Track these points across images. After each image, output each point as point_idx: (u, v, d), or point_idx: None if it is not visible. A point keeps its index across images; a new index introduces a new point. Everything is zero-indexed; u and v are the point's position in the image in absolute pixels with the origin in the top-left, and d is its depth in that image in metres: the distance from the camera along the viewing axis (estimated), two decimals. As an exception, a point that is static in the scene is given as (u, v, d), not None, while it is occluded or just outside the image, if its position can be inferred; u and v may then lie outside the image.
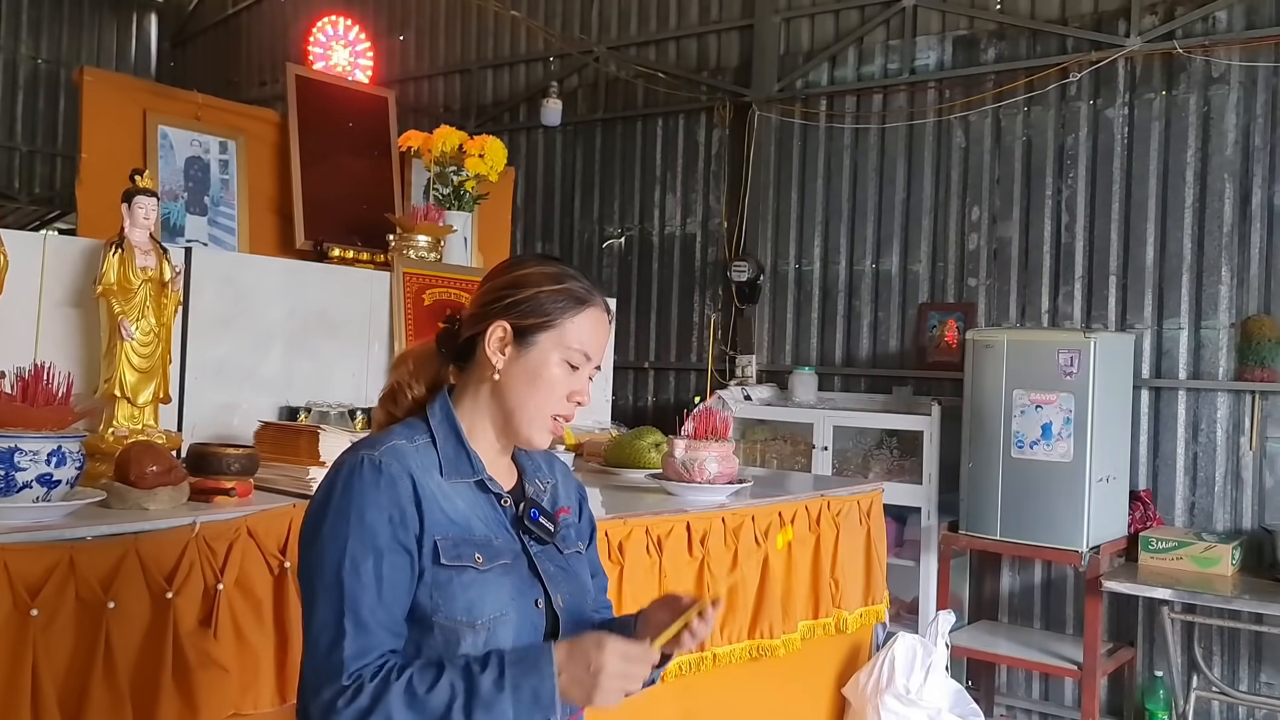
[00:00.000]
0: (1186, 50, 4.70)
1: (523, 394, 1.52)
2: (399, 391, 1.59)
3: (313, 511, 1.45)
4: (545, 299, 1.52)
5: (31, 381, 2.19)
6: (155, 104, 4.04)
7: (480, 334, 1.53)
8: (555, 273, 1.55)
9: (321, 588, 1.40)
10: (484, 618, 1.43)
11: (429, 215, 3.87)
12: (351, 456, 1.46)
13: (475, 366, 1.55)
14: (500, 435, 1.56)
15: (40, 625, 1.94)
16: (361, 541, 1.39)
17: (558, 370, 1.52)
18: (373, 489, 1.42)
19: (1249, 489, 4.57)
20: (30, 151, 8.56)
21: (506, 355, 1.51)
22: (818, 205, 5.74)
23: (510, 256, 1.62)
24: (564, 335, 1.52)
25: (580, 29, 6.73)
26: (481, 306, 1.55)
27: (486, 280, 1.59)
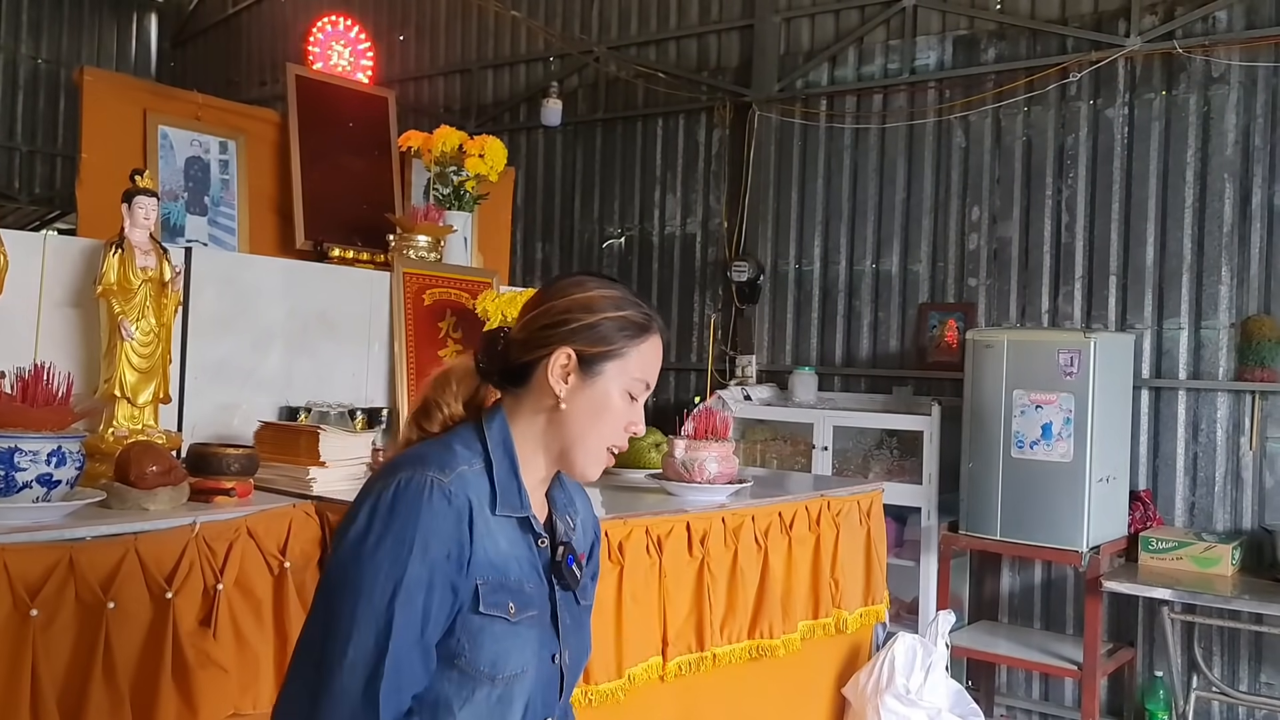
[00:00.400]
0: (1186, 50, 4.70)
1: (585, 425, 1.43)
2: (434, 409, 1.49)
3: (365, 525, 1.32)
4: (611, 325, 1.44)
5: (31, 381, 2.19)
6: (155, 104, 4.04)
7: (539, 360, 1.43)
8: (619, 297, 1.46)
9: (365, 614, 1.28)
10: (506, 673, 1.36)
11: (429, 215, 3.87)
12: (418, 475, 1.34)
13: (530, 393, 1.45)
14: (551, 466, 1.48)
15: (40, 625, 1.93)
16: (419, 573, 1.29)
17: (620, 401, 1.45)
18: (441, 519, 1.32)
19: (1249, 489, 4.57)
20: (30, 151, 8.56)
21: (570, 384, 1.43)
22: (818, 205, 5.74)
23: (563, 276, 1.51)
24: (628, 364, 1.45)
25: (580, 29, 6.73)
26: (541, 329, 1.44)
27: (542, 301, 1.47)
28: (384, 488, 1.34)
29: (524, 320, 1.47)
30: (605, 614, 2.44)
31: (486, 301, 3.43)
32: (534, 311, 1.46)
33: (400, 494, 1.33)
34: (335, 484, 2.69)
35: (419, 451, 1.40)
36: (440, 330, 3.72)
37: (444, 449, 1.40)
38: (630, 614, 2.53)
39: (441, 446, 1.41)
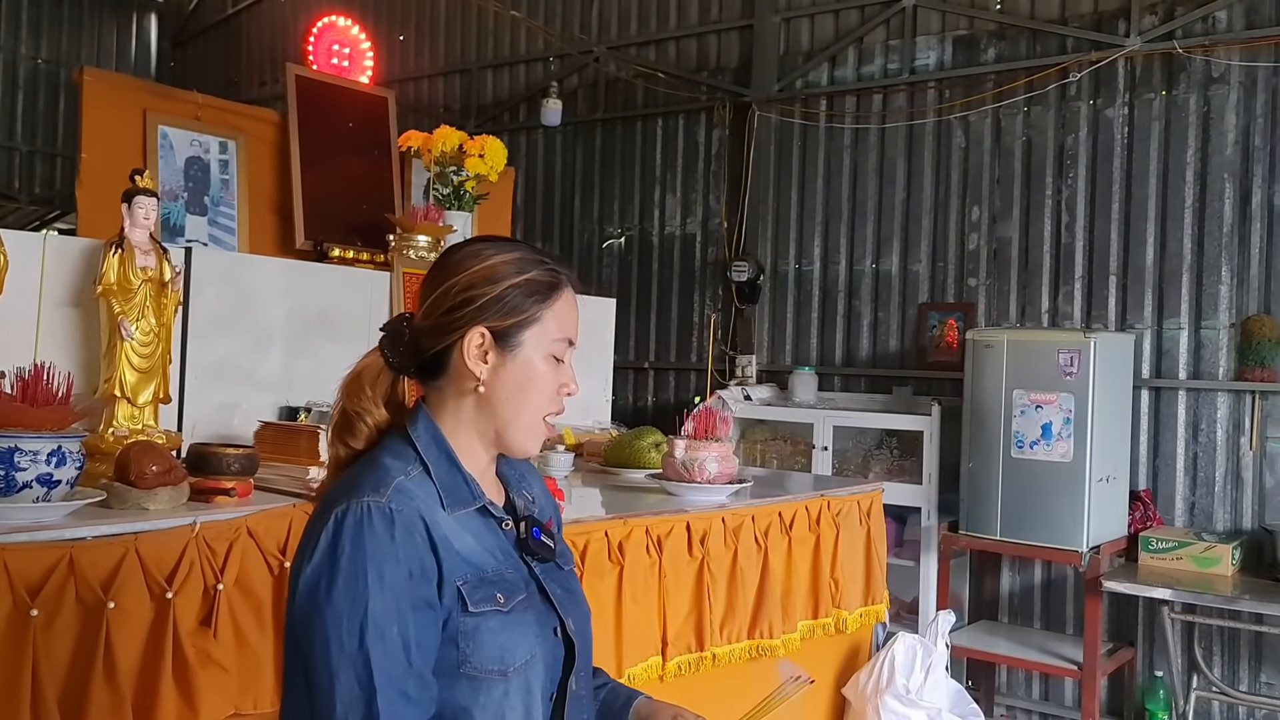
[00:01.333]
0: (1186, 50, 4.71)
1: (515, 402, 1.36)
2: (355, 420, 1.39)
3: (313, 573, 1.24)
4: (519, 292, 1.35)
5: (31, 381, 2.19)
6: (155, 104, 4.04)
7: (452, 345, 1.35)
8: (519, 258, 1.38)
9: (340, 662, 1.20)
10: (516, 663, 1.30)
11: (429, 215, 3.87)
12: (354, 504, 1.26)
13: (451, 380, 1.37)
14: (488, 449, 1.41)
15: (40, 625, 1.93)
16: (384, 604, 1.21)
17: (544, 367, 1.37)
18: (387, 541, 1.24)
19: (1249, 489, 4.57)
20: (30, 151, 8.56)
21: (490, 363, 1.35)
22: (818, 205, 5.74)
23: (456, 247, 1.42)
24: (545, 328, 1.37)
25: (580, 29, 6.73)
26: (447, 313, 1.36)
27: (440, 280, 1.38)
28: (322, 528, 1.26)
29: (426, 305, 1.38)
30: (605, 614, 2.44)
31: (486, 301, 3.42)
32: (435, 294, 1.37)
33: (340, 530, 1.24)
34: (335, 484, 2.68)
35: (348, 479, 1.32)
36: (440, 330, 3.71)
37: (372, 468, 1.31)
38: (630, 614, 2.53)
39: (370, 466, 1.32)
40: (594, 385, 4.34)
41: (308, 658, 1.23)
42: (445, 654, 1.27)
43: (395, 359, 1.40)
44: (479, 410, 1.38)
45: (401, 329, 1.40)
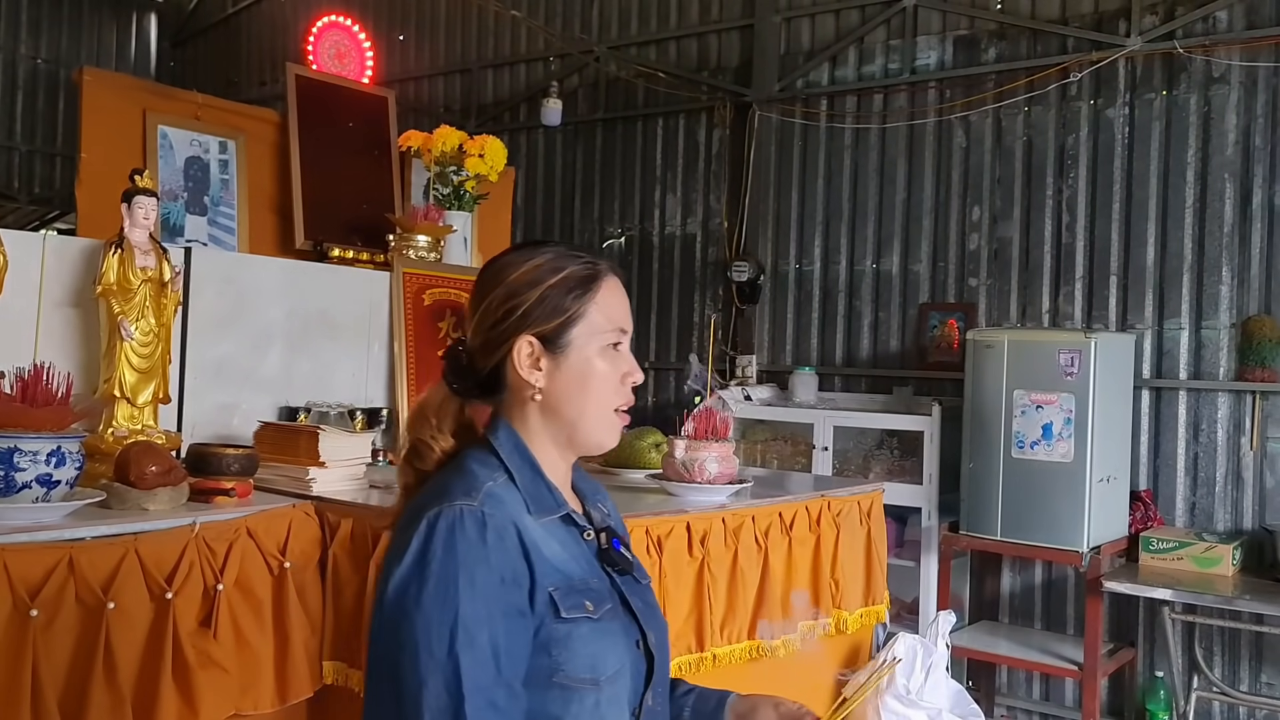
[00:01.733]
0: (1187, 50, 4.70)
1: (578, 402, 1.35)
2: (423, 449, 1.38)
3: (403, 578, 1.22)
4: (557, 292, 1.34)
5: (31, 381, 2.19)
6: (155, 104, 4.03)
7: (504, 359, 1.35)
8: (553, 258, 1.37)
9: (429, 668, 1.18)
10: (608, 672, 1.28)
11: (429, 215, 3.87)
12: (446, 509, 1.24)
13: (511, 393, 1.37)
14: (565, 452, 1.39)
15: (40, 626, 1.93)
16: (475, 609, 1.19)
17: (601, 361, 1.36)
18: (479, 546, 1.22)
19: (1249, 489, 4.57)
20: (30, 151, 8.56)
21: (544, 369, 1.34)
22: (818, 205, 5.74)
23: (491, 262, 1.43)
24: (593, 322, 1.35)
25: (580, 29, 6.73)
26: (492, 328, 1.36)
27: (478, 298, 1.39)
28: (413, 533, 1.24)
29: (473, 324, 1.39)
30: (606, 614, 2.44)
31: (487, 301, 3.42)
32: (479, 311, 1.38)
33: (432, 534, 1.23)
34: (335, 484, 2.69)
35: (437, 486, 1.31)
36: (440, 330, 3.71)
37: (461, 474, 1.31)
38: (630, 614, 2.52)
39: (458, 473, 1.32)
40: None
41: (396, 664, 1.20)
42: (537, 663, 1.24)
43: (458, 384, 1.40)
44: (545, 417, 1.37)
45: (458, 353, 1.40)
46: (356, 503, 2.58)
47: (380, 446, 3.33)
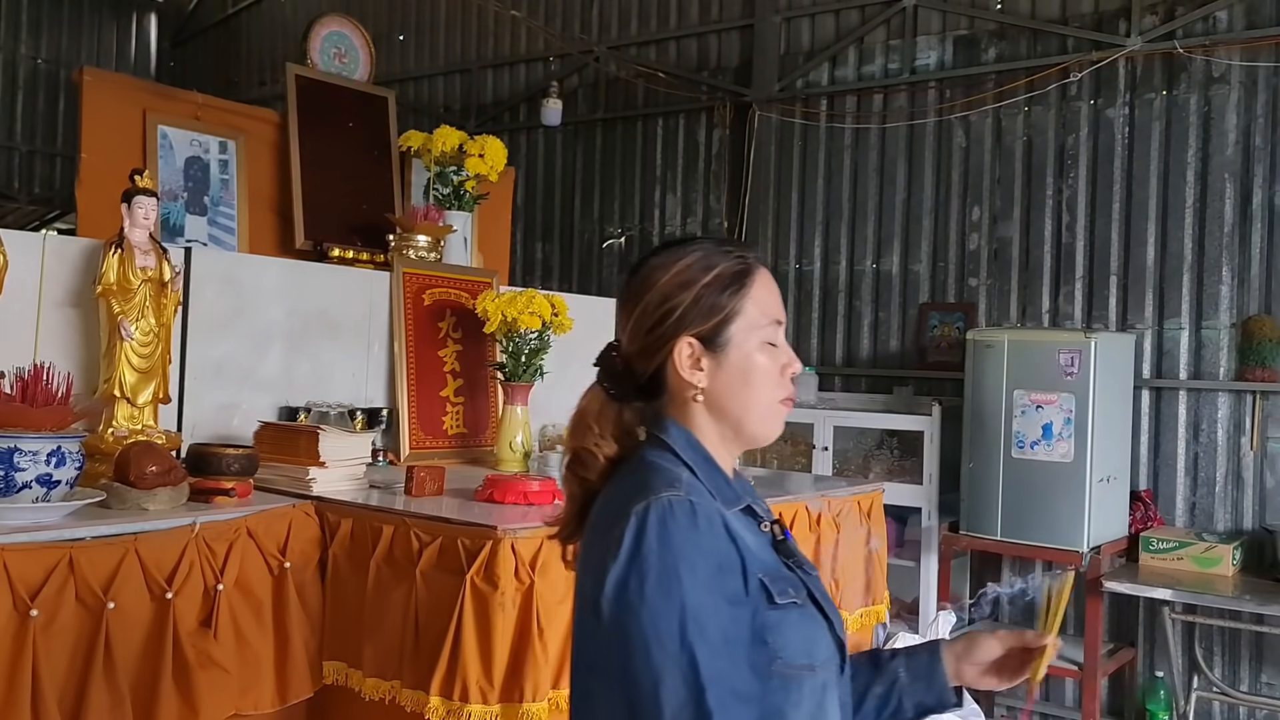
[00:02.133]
0: (1187, 50, 4.70)
1: (741, 398, 1.33)
2: (588, 457, 1.36)
3: (620, 575, 1.19)
4: (712, 291, 1.32)
5: (31, 382, 2.19)
6: (155, 104, 4.03)
7: (663, 363, 1.34)
8: (703, 255, 1.35)
9: (663, 663, 1.14)
10: (820, 659, 1.27)
11: (429, 215, 3.87)
12: (654, 501, 1.21)
13: (673, 395, 1.36)
14: (731, 447, 1.37)
15: (40, 626, 1.93)
16: (699, 598, 1.17)
17: (761, 356, 1.34)
18: (693, 533, 1.20)
19: (1250, 489, 4.57)
20: (30, 151, 8.56)
21: (705, 369, 1.33)
22: (818, 205, 5.74)
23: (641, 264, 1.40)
24: (749, 318, 1.33)
25: (580, 29, 6.73)
26: (648, 333, 1.34)
27: (635, 301, 1.36)
28: (622, 530, 1.20)
29: (628, 329, 1.37)
30: (606, 614, 2.44)
31: (486, 301, 3.43)
32: (633, 316, 1.36)
33: (644, 527, 1.19)
34: (335, 484, 2.69)
35: (631, 483, 1.27)
36: (440, 330, 3.71)
37: (652, 469, 1.28)
38: (631, 614, 2.52)
39: (648, 468, 1.29)
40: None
41: (624, 665, 1.17)
42: (754, 652, 1.21)
43: (614, 389, 1.38)
44: (710, 415, 1.35)
45: (612, 359, 1.38)
46: (356, 503, 2.58)
47: (380, 446, 3.33)
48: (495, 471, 3.14)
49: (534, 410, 3.47)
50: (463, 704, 2.16)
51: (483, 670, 2.19)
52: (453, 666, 2.18)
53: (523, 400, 3.39)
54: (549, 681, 2.24)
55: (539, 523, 2.35)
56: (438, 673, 2.18)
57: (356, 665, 2.40)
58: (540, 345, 3.41)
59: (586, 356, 1.42)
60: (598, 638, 1.21)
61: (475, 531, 2.26)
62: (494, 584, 2.20)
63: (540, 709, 2.19)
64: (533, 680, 2.19)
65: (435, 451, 3.55)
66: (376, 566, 2.38)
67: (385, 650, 2.33)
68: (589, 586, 1.23)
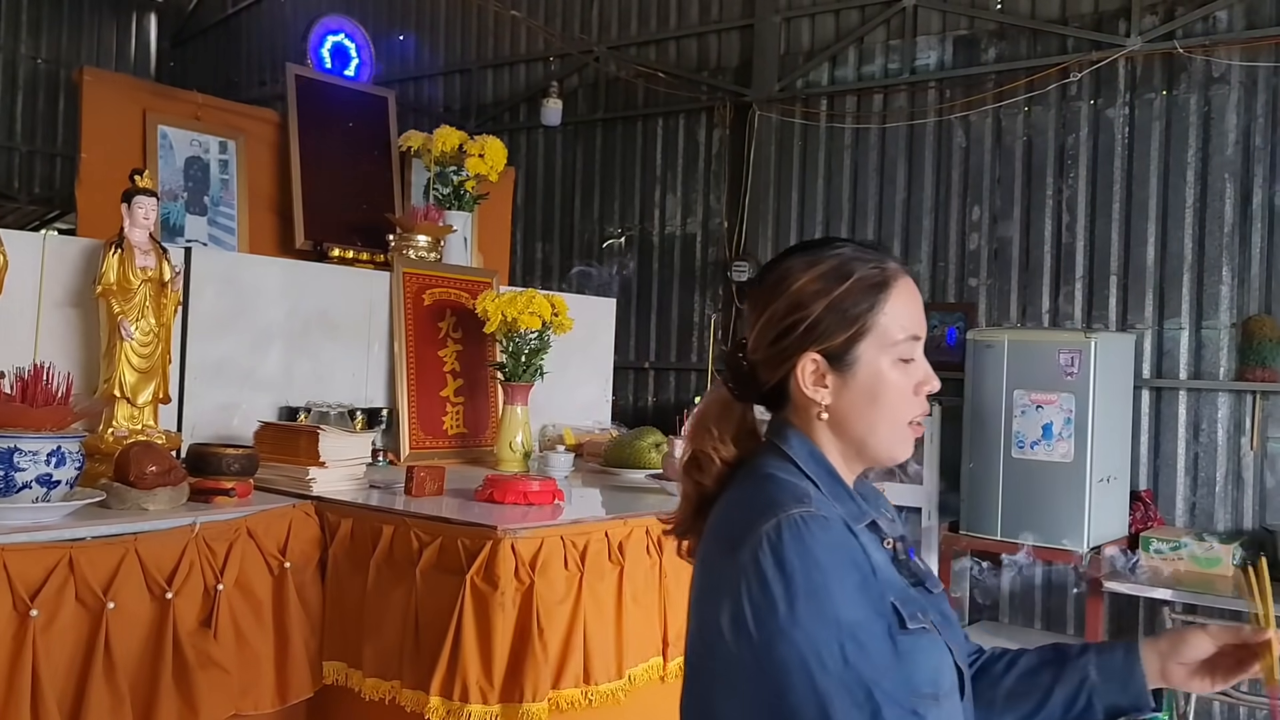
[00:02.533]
0: (1187, 50, 4.70)
1: (869, 417, 1.25)
2: (706, 460, 1.30)
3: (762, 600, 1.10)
4: (845, 303, 1.23)
5: (31, 382, 2.19)
6: (155, 104, 4.04)
7: (787, 376, 1.26)
8: (835, 265, 1.24)
9: (828, 686, 1.06)
10: (945, 689, 1.18)
11: (429, 215, 3.87)
12: (785, 519, 1.13)
13: (795, 409, 1.28)
14: (853, 464, 1.30)
15: (40, 626, 1.93)
16: (853, 614, 1.10)
17: (894, 374, 1.25)
18: (833, 550, 1.12)
19: (1250, 489, 4.57)
20: (30, 151, 8.56)
21: (830, 386, 1.24)
22: (818, 205, 5.74)
23: (767, 266, 1.30)
24: (884, 332, 1.24)
25: (580, 29, 6.73)
26: (773, 344, 1.25)
27: (758, 309, 1.28)
28: (753, 552, 1.12)
29: (754, 335, 1.28)
30: (605, 614, 2.44)
31: (486, 301, 3.43)
32: (759, 323, 1.27)
33: (780, 547, 1.11)
34: (335, 484, 2.69)
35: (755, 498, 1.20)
36: (440, 330, 3.71)
37: (775, 484, 1.21)
38: (631, 614, 2.52)
39: (771, 483, 1.21)
40: (594, 385, 4.34)
41: (782, 694, 1.08)
42: None
43: (739, 391, 1.32)
44: (834, 432, 1.27)
45: (738, 361, 1.31)
46: (356, 503, 2.58)
47: (380, 446, 3.33)
48: (495, 471, 3.14)
49: (534, 410, 3.47)
50: (463, 704, 2.16)
51: (482, 670, 2.19)
52: (453, 666, 2.18)
53: (523, 400, 3.39)
54: (549, 681, 2.24)
55: (539, 523, 2.35)
56: (438, 673, 2.18)
57: (356, 665, 2.40)
58: (540, 345, 3.41)
59: (587, 357, 1.41)
60: (736, 668, 1.12)
61: (475, 531, 2.26)
62: (494, 584, 2.20)
63: (540, 709, 2.19)
64: (532, 680, 2.19)
65: (435, 451, 3.55)
66: (376, 566, 2.38)
67: (385, 650, 2.33)
68: (719, 614, 1.13)
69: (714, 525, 1.24)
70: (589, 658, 2.35)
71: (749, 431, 1.32)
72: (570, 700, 2.29)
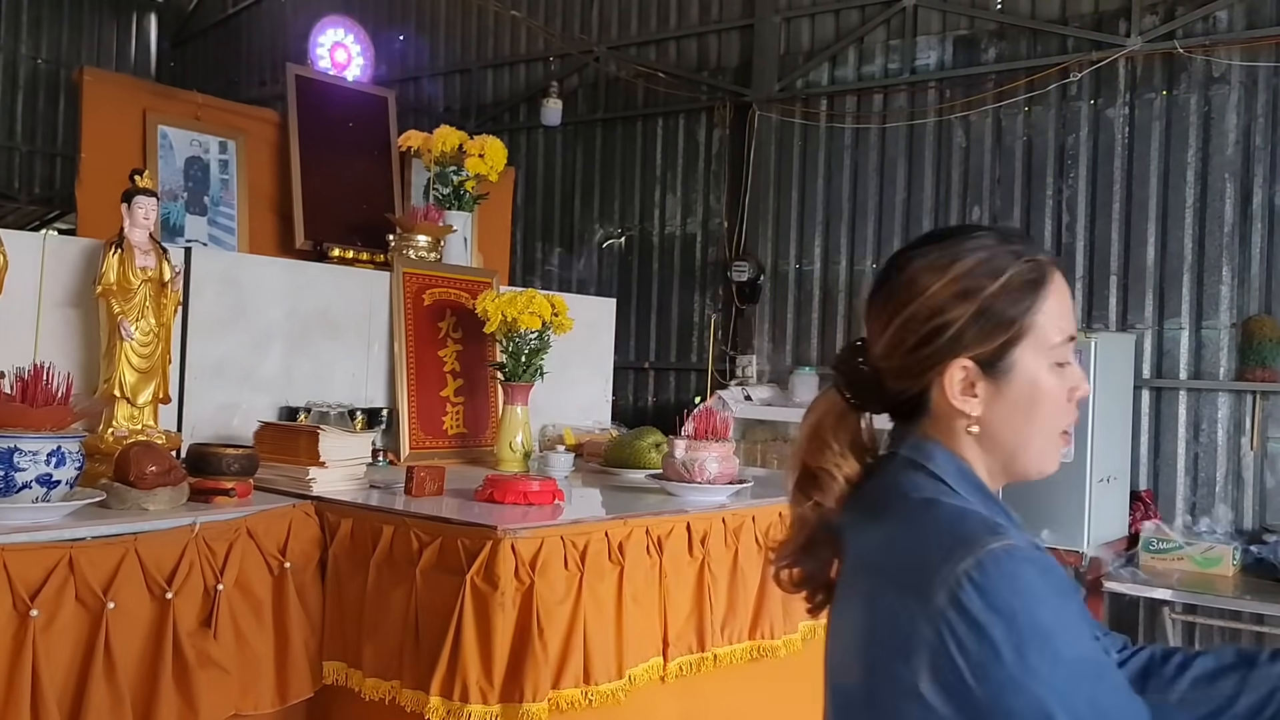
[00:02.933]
0: (1187, 50, 4.70)
1: (1023, 429, 1.14)
2: (827, 479, 1.17)
3: (988, 648, 0.96)
4: (1002, 302, 1.11)
5: (31, 382, 2.19)
6: (155, 104, 4.03)
7: (928, 387, 1.14)
8: (988, 255, 1.12)
9: None
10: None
11: (429, 215, 3.87)
12: (985, 556, 0.99)
13: (935, 421, 1.16)
14: (997, 480, 1.18)
15: (40, 626, 1.93)
16: (1086, 649, 0.99)
17: (1050, 379, 1.13)
18: (1043, 581, 1.00)
19: (1250, 489, 4.57)
20: (30, 151, 8.56)
21: (980, 395, 1.12)
22: (818, 205, 5.74)
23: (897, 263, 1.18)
24: (1042, 333, 1.12)
25: (580, 29, 6.73)
26: (914, 351, 1.13)
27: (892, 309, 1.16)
28: (953, 598, 0.98)
29: (885, 340, 1.16)
30: (605, 615, 2.44)
31: (486, 301, 3.42)
32: (893, 326, 1.15)
33: (991, 588, 0.98)
34: (335, 484, 2.69)
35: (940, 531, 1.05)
36: (440, 330, 3.71)
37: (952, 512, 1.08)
38: (631, 614, 2.52)
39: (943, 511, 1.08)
40: (594, 385, 4.34)
41: None
42: None
43: (857, 400, 1.20)
44: (980, 447, 1.15)
45: (858, 367, 1.20)
46: (356, 503, 2.58)
47: (380, 446, 3.33)
48: (495, 471, 3.14)
49: (534, 410, 3.47)
50: (463, 704, 2.16)
51: (482, 670, 2.18)
52: (452, 667, 2.18)
53: (523, 400, 3.39)
54: (549, 681, 2.24)
55: (539, 523, 2.35)
56: (438, 673, 2.18)
57: (356, 665, 2.40)
58: (540, 345, 3.41)
59: (587, 357, 1.41)
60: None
61: (475, 531, 2.26)
62: (494, 584, 2.19)
63: (540, 709, 2.19)
64: (532, 680, 2.19)
65: (435, 451, 3.55)
66: (376, 567, 2.38)
67: (385, 650, 2.33)
68: (909, 670, 1.01)
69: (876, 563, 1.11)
70: (589, 658, 2.35)
71: (862, 445, 1.21)
72: (570, 700, 2.29)
